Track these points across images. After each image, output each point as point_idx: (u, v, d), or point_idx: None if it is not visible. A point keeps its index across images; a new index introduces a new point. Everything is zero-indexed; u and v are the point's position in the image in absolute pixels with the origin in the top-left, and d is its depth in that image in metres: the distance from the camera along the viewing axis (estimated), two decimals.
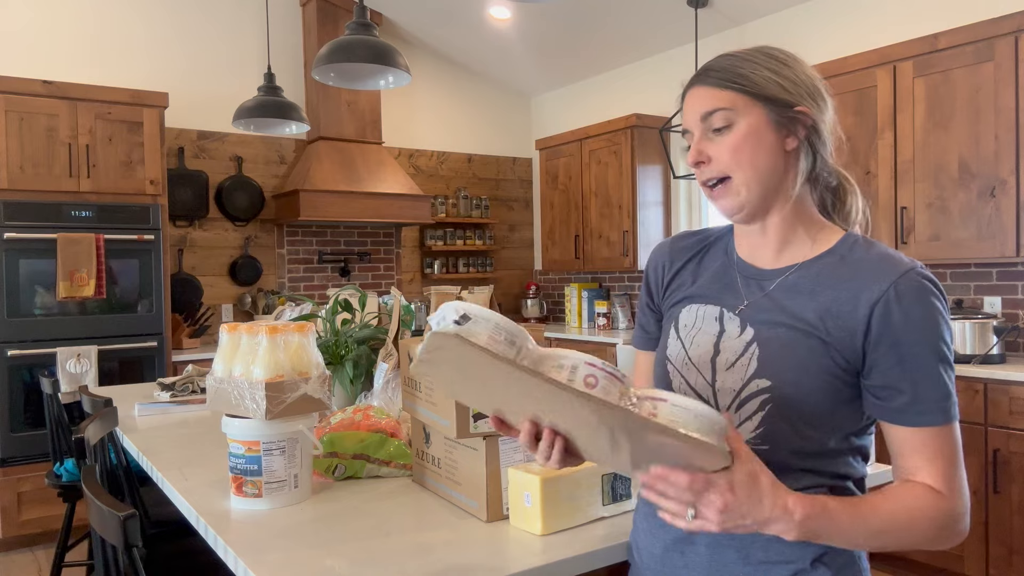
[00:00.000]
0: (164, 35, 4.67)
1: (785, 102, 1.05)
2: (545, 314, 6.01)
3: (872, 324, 0.99)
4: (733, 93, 1.05)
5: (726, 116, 1.04)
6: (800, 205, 1.10)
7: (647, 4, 4.49)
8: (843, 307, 1.01)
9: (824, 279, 1.05)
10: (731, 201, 1.07)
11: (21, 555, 3.79)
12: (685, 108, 1.10)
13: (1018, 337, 3.42)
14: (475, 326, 0.89)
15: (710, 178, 1.07)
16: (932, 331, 0.98)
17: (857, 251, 1.07)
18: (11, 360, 3.75)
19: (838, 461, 1.05)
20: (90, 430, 1.92)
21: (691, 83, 1.10)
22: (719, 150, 1.05)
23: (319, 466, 1.66)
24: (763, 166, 1.05)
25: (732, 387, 1.05)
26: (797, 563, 1.01)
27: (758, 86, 1.05)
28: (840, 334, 1.00)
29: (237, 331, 1.58)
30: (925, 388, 0.98)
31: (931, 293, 0.99)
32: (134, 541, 1.19)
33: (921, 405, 0.98)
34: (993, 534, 3.00)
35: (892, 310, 0.98)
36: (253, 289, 5.00)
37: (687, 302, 1.16)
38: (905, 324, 0.98)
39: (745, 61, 1.07)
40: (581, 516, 1.34)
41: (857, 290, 1.01)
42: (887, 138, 3.54)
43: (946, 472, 0.99)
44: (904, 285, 0.99)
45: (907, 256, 1.05)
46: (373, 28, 2.51)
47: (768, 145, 1.05)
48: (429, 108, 5.79)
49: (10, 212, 3.73)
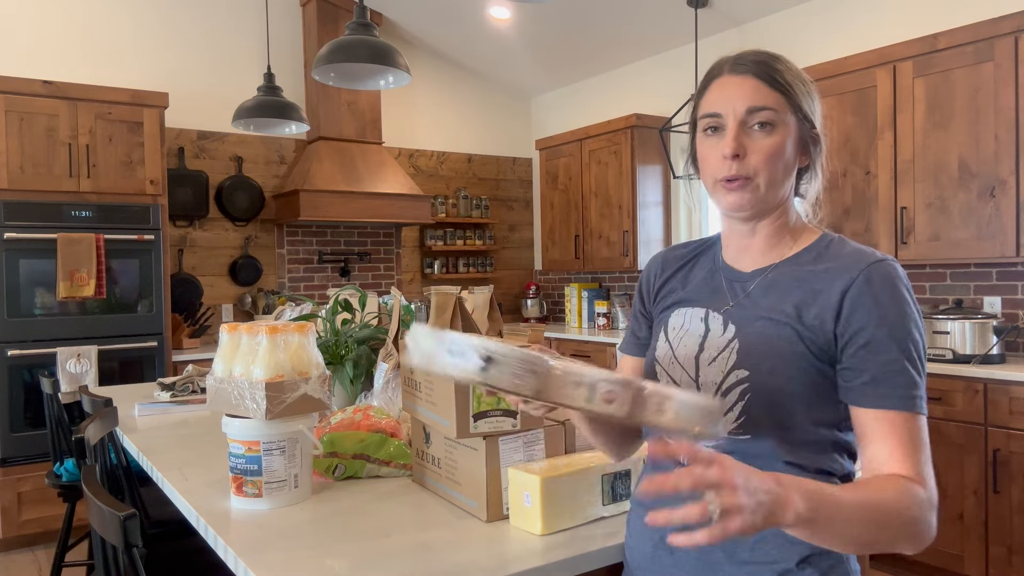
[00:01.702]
0: (164, 35, 4.67)
1: (811, 121, 1.09)
2: (545, 314, 6.01)
3: (843, 309, 1.02)
4: (781, 97, 1.06)
5: (771, 116, 1.05)
6: (789, 212, 1.14)
7: (647, 4, 4.49)
8: (818, 297, 1.04)
9: (801, 274, 1.08)
10: (746, 197, 1.07)
11: (21, 555, 3.79)
12: (727, 93, 1.07)
13: (1018, 337, 3.42)
14: (499, 371, 0.87)
15: (738, 175, 1.06)
16: (899, 317, 1.01)
17: (832, 248, 1.10)
18: (11, 360, 3.75)
19: (822, 457, 1.05)
20: (90, 430, 1.92)
21: (735, 69, 1.08)
22: (757, 148, 1.06)
23: (319, 466, 1.66)
24: (783, 175, 1.08)
25: (714, 380, 1.08)
26: (783, 563, 1.02)
27: (798, 98, 1.07)
28: (814, 322, 1.03)
29: (237, 331, 1.58)
30: (889, 371, 0.99)
31: (899, 282, 1.02)
32: (134, 541, 1.19)
33: (883, 387, 0.99)
34: (993, 534, 3.00)
35: (862, 294, 1.01)
36: (253, 289, 5.00)
37: (676, 307, 1.20)
38: (873, 308, 1.00)
39: (787, 69, 1.08)
40: (581, 516, 1.34)
41: (831, 280, 1.04)
42: (887, 138, 3.54)
43: (915, 459, 0.97)
44: (873, 272, 1.02)
45: (881, 252, 1.07)
46: (373, 28, 2.51)
47: (792, 157, 1.09)
48: (429, 108, 5.79)
49: (10, 212, 3.73)
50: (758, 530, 0.80)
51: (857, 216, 3.66)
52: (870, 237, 3.60)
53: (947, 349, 3.24)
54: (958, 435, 3.08)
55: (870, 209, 3.61)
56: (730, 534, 0.78)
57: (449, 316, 2.17)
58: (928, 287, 3.74)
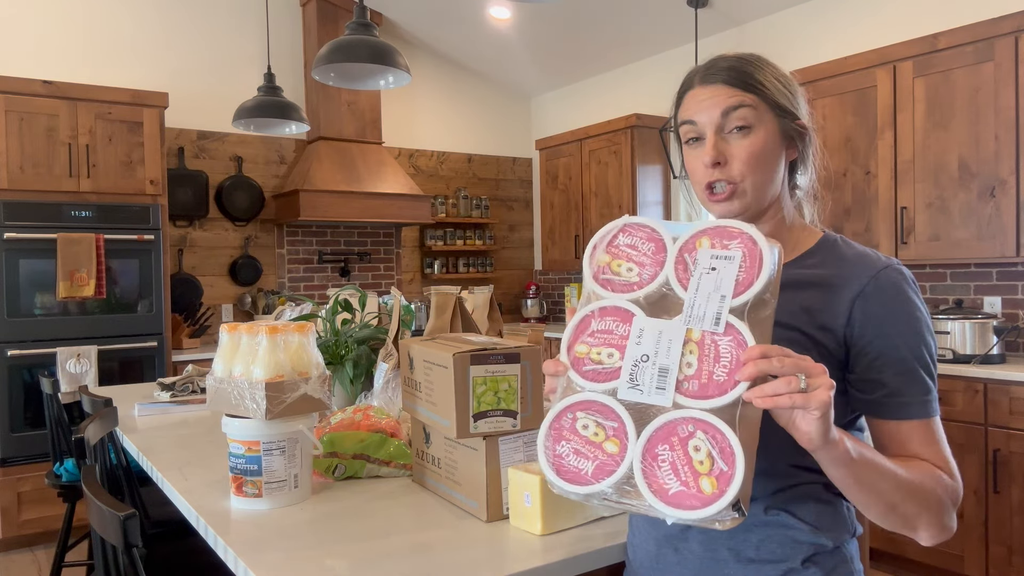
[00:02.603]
0: (164, 35, 4.67)
1: (792, 114, 1.08)
2: (545, 314, 6.01)
3: (853, 318, 1.02)
4: (755, 97, 1.05)
5: (747, 116, 1.04)
6: (785, 210, 1.12)
7: (647, 4, 4.49)
8: (826, 303, 1.04)
9: (806, 278, 1.07)
10: (735, 206, 1.07)
11: (21, 555, 3.79)
12: (698, 103, 1.07)
13: (1018, 337, 3.42)
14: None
15: (721, 180, 1.06)
16: (910, 324, 1.01)
17: (836, 250, 1.09)
18: (11, 360, 3.75)
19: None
20: (90, 430, 1.92)
21: (704, 79, 1.08)
22: (736, 152, 1.05)
23: (319, 466, 1.66)
24: (770, 175, 1.07)
25: None
26: (788, 562, 1.02)
27: (772, 94, 1.06)
28: (824, 329, 1.03)
29: (237, 331, 1.58)
30: (906, 381, 1.00)
31: (909, 287, 1.02)
32: (134, 541, 1.19)
33: (903, 397, 1.00)
34: (993, 534, 3.00)
35: (872, 304, 1.01)
36: (253, 289, 5.00)
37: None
38: (885, 319, 1.00)
39: (755, 67, 1.07)
40: (581, 516, 1.34)
41: (839, 287, 1.04)
42: (887, 138, 3.54)
43: (943, 456, 1.00)
44: (883, 279, 1.02)
45: (885, 255, 1.07)
46: (373, 28, 2.51)
47: (777, 154, 1.08)
48: (429, 108, 5.79)
49: (10, 212, 3.73)
50: (826, 424, 0.82)
51: (857, 216, 3.66)
52: (870, 237, 3.60)
53: (947, 349, 3.24)
54: (958, 435, 3.08)
55: (870, 209, 3.61)
56: (813, 403, 0.80)
57: (449, 316, 2.17)
58: (928, 287, 3.74)
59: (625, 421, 0.87)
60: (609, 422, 0.88)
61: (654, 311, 0.92)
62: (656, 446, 0.85)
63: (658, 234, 0.96)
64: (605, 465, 0.87)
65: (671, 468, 0.84)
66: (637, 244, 0.96)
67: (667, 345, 0.88)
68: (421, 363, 1.49)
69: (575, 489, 0.88)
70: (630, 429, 0.87)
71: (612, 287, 0.95)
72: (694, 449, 0.83)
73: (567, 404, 0.91)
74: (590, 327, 0.93)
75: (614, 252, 0.97)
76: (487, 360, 1.36)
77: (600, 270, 0.96)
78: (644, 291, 0.93)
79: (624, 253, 0.96)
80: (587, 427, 0.89)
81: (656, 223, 0.98)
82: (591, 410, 0.90)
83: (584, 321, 0.94)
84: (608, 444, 0.88)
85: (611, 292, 0.95)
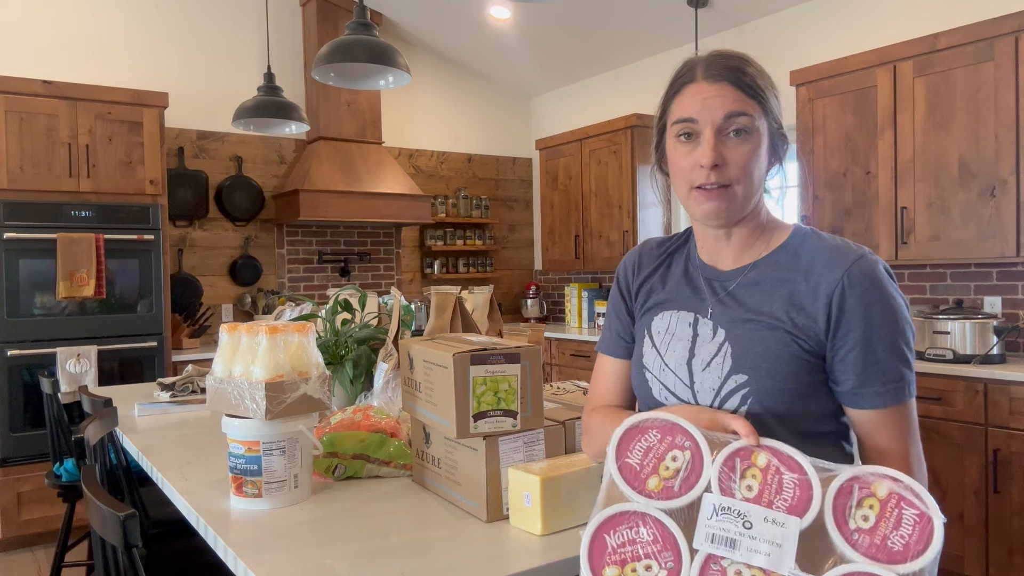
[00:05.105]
0: (164, 35, 4.67)
1: (779, 121, 1.11)
2: (545, 314, 6.01)
3: (831, 312, 1.04)
4: (755, 104, 1.06)
5: (748, 123, 1.05)
6: (762, 212, 1.14)
7: (647, 4, 4.49)
8: (804, 299, 1.05)
9: (781, 273, 1.09)
10: (723, 206, 1.07)
11: (21, 555, 3.79)
12: (704, 100, 1.06)
13: (1018, 337, 3.42)
14: None
15: (715, 182, 1.05)
16: (884, 314, 1.02)
17: (809, 243, 1.10)
18: (11, 360, 3.75)
19: (826, 446, 1.08)
20: (90, 430, 1.92)
21: (710, 75, 1.07)
22: (733, 157, 1.05)
23: (319, 466, 1.66)
24: (758, 179, 1.09)
25: (711, 386, 1.08)
26: None
27: (768, 102, 1.08)
28: (803, 324, 1.05)
29: (237, 331, 1.58)
30: (878, 370, 1.02)
31: (882, 277, 1.04)
32: (134, 541, 1.19)
33: (874, 387, 1.03)
34: (993, 534, 3.00)
35: (847, 297, 1.03)
36: (253, 289, 5.00)
37: (659, 309, 1.19)
38: (859, 311, 1.02)
39: (758, 73, 1.08)
40: (581, 516, 1.34)
41: (815, 282, 1.05)
42: (887, 138, 3.54)
43: (904, 451, 1.03)
44: (857, 271, 1.03)
45: (856, 244, 1.09)
46: (373, 28, 2.51)
47: (766, 163, 1.10)
48: (429, 108, 5.79)
49: (10, 212, 3.73)
50: None
51: (857, 216, 3.66)
52: (870, 237, 3.60)
53: (947, 349, 3.24)
54: (958, 435, 3.08)
55: (870, 209, 3.61)
56: None
57: (449, 316, 2.17)
58: (928, 287, 3.74)
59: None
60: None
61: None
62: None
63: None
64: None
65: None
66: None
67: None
68: (421, 363, 1.49)
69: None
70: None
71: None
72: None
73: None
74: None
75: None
76: (487, 360, 1.36)
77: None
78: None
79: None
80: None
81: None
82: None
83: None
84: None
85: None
